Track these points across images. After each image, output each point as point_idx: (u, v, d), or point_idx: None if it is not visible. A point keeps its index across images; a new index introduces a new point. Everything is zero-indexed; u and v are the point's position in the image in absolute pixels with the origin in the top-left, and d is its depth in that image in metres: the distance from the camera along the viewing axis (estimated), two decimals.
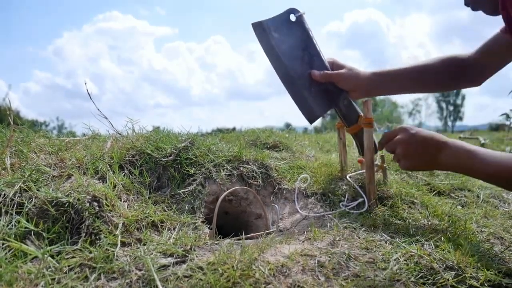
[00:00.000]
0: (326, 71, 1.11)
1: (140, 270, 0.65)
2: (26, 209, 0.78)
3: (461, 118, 42.94)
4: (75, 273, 0.63)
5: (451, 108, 43.18)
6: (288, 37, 1.11)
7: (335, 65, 1.16)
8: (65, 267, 0.65)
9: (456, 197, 1.33)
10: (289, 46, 1.10)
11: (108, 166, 1.02)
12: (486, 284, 0.69)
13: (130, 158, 1.10)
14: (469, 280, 0.70)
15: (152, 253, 0.71)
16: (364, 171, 1.15)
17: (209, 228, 0.96)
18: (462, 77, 1.19)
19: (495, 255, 0.82)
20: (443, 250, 0.78)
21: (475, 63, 1.16)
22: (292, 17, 1.11)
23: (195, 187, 1.07)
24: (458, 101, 42.82)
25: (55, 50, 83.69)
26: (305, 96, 1.11)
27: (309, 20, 1.15)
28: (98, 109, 1.37)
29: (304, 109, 1.12)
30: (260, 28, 1.09)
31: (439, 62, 1.18)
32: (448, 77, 1.18)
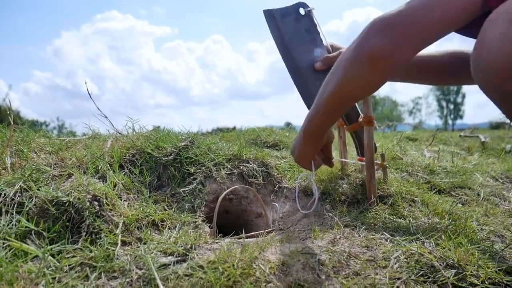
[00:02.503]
0: (326, 55, 1.12)
1: (140, 269, 0.65)
2: (27, 209, 0.78)
3: (461, 117, 42.97)
4: (76, 272, 0.63)
5: (451, 106, 43.19)
6: (297, 29, 1.13)
7: (333, 48, 1.17)
8: (66, 266, 0.65)
9: (457, 195, 1.33)
10: (297, 38, 1.12)
11: (108, 165, 1.02)
12: (486, 282, 0.69)
13: (130, 157, 1.10)
14: (470, 278, 0.69)
15: (152, 252, 0.71)
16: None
17: (209, 227, 0.96)
18: (468, 73, 1.17)
19: (496, 253, 0.82)
20: (444, 248, 0.78)
21: None
22: (302, 11, 1.13)
23: (195, 186, 1.07)
24: (459, 100, 42.85)
25: (55, 50, 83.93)
26: (310, 89, 1.12)
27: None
28: (99, 109, 1.37)
29: (310, 102, 1.12)
30: (271, 16, 1.11)
31: (447, 56, 1.15)
32: (454, 71, 1.16)
